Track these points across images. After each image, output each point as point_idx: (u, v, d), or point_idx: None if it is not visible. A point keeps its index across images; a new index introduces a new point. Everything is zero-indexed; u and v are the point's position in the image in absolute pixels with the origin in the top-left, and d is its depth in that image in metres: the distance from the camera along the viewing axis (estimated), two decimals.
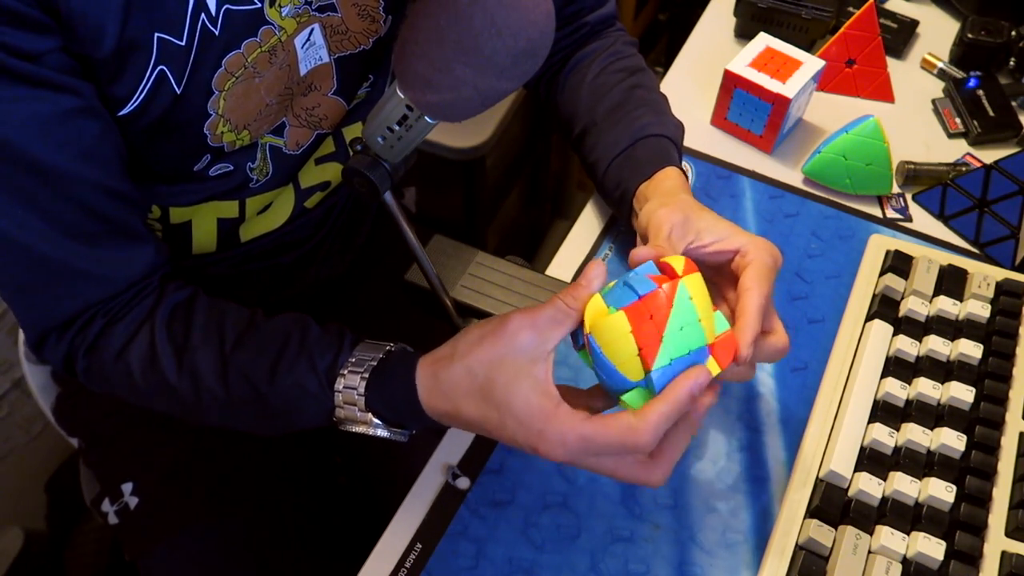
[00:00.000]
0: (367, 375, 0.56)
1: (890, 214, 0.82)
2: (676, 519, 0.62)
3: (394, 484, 0.70)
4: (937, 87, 0.94)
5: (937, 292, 0.71)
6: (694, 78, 0.94)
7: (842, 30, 0.91)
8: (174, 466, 0.79)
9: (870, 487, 0.60)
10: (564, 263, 0.78)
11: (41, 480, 1.33)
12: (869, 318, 0.71)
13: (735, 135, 0.88)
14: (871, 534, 0.59)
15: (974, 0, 0.98)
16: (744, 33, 0.97)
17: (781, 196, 0.82)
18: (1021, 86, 0.92)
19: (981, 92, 0.90)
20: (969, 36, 0.92)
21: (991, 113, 0.88)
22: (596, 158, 0.72)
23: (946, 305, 0.70)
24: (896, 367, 0.67)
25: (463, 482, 0.64)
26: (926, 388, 0.65)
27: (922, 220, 0.82)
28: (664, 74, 0.96)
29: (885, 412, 0.64)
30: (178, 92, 0.57)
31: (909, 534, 0.58)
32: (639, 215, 0.64)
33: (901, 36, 0.97)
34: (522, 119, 1.48)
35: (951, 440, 0.62)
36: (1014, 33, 0.92)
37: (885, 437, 0.63)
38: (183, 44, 0.56)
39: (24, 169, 0.53)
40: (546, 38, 0.51)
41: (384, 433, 0.57)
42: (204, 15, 0.56)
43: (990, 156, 0.86)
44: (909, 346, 0.68)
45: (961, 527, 0.58)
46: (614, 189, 0.70)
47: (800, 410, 0.67)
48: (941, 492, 0.59)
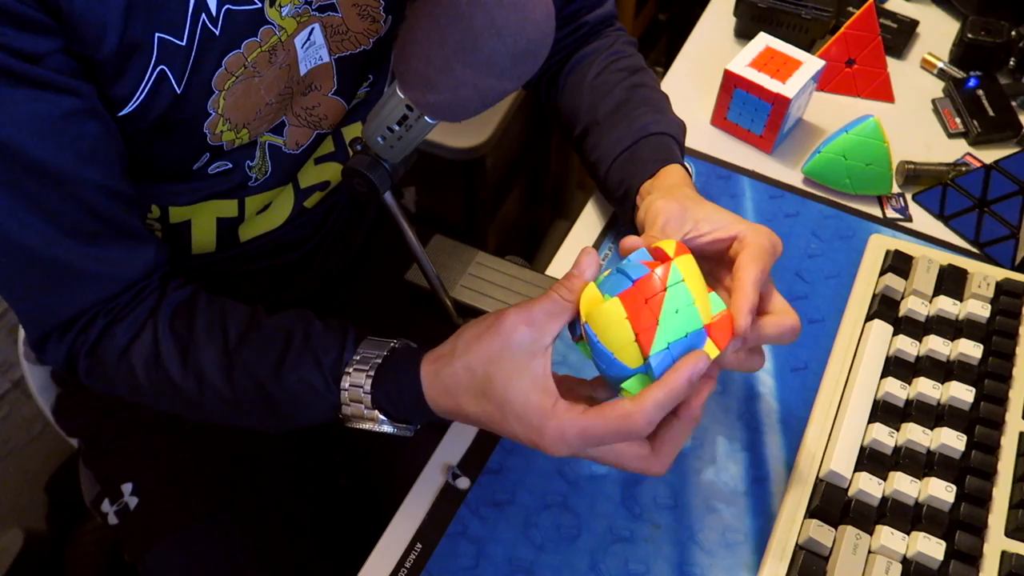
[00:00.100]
0: (372, 373, 0.56)
1: (890, 214, 0.82)
2: (676, 519, 0.62)
3: (394, 484, 0.70)
4: (937, 87, 0.94)
5: (937, 292, 0.71)
6: (694, 78, 0.94)
7: (842, 30, 0.91)
8: (174, 466, 0.79)
9: (870, 487, 0.60)
10: (564, 263, 0.78)
11: (41, 480, 1.33)
12: (869, 318, 0.71)
13: (735, 135, 0.88)
14: (871, 534, 0.59)
15: (974, 0, 0.98)
16: (744, 33, 0.97)
17: (781, 196, 0.82)
18: (1021, 86, 0.92)
19: (981, 92, 0.90)
20: (969, 36, 0.92)
21: (991, 113, 0.88)
22: (598, 157, 0.72)
23: (946, 305, 0.70)
24: (896, 367, 0.67)
25: (463, 482, 0.64)
26: (926, 388, 0.65)
27: (922, 220, 0.82)
28: (664, 74, 0.96)
29: (885, 412, 0.64)
30: (178, 92, 0.57)
31: (909, 534, 0.58)
32: (638, 211, 0.64)
33: (901, 36, 0.97)
34: (522, 119, 1.48)
35: (951, 440, 0.62)
36: (1014, 33, 0.92)
37: (885, 437, 0.63)
38: (183, 44, 0.56)
39: (25, 169, 0.53)
40: (546, 38, 0.51)
41: (390, 429, 0.58)
42: (205, 15, 0.56)
43: (990, 156, 0.86)
44: (909, 346, 0.68)
45: (961, 527, 0.58)
46: (617, 188, 0.70)
47: (800, 410, 0.67)
48: (941, 492, 0.59)
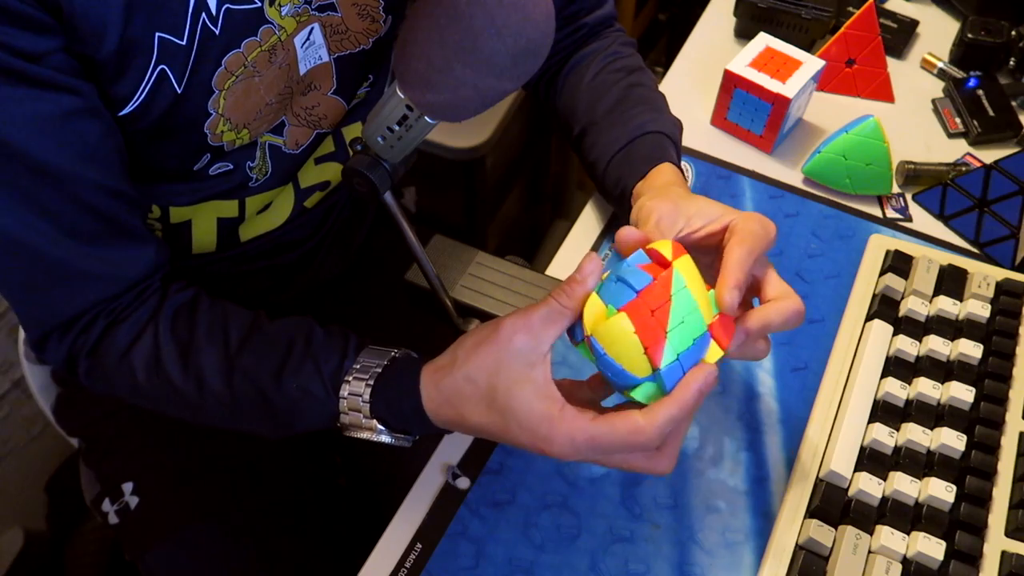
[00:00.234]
0: (372, 382, 0.56)
1: (890, 214, 0.82)
2: (676, 519, 0.62)
3: (394, 484, 0.70)
4: (937, 87, 0.94)
5: (937, 292, 0.71)
6: (694, 78, 0.94)
7: (842, 30, 0.91)
8: (175, 466, 0.79)
9: (870, 487, 0.60)
10: (564, 263, 0.78)
11: (41, 480, 1.33)
12: (869, 318, 0.71)
13: (735, 135, 0.88)
14: (871, 534, 0.59)
15: (974, 0, 0.98)
16: (744, 33, 0.97)
17: (781, 196, 0.82)
18: (1021, 86, 0.92)
19: (981, 92, 0.90)
20: (969, 36, 0.92)
21: (991, 113, 0.88)
22: (595, 157, 0.72)
23: (946, 305, 0.70)
24: (896, 367, 0.67)
25: (463, 482, 0.64)
26: (926, 388, 0.65)
27: (922, 220, 0.82)
28: (664, 74, 0.96)
29: (885, 412, 0.64)
30: (179, 91, 0.57)
31: (909, 534, 0.58)
32: (632, 211, 0.64)
33: (901, 36, 0.97)
34: (522, 119, 1.48)
35: (951, 440, 0.62)
36: (1014, 33, 0.92)
37: (885, 437, 0.63)
38: (184, 43, 0.56)
39: (25, 169, 0.53)
40: (546, 38, 0.51)
41: (388, 439, 0.57)
42: (205, 14, 0.56)
43: (990, 156, 0.86)
44: (909, 346, 0.68)
45: (961, 527, 0.58)
46: (614, 187, 0.70)
47: (800, 410, 0.67)
48: (941, 492, 0.59)
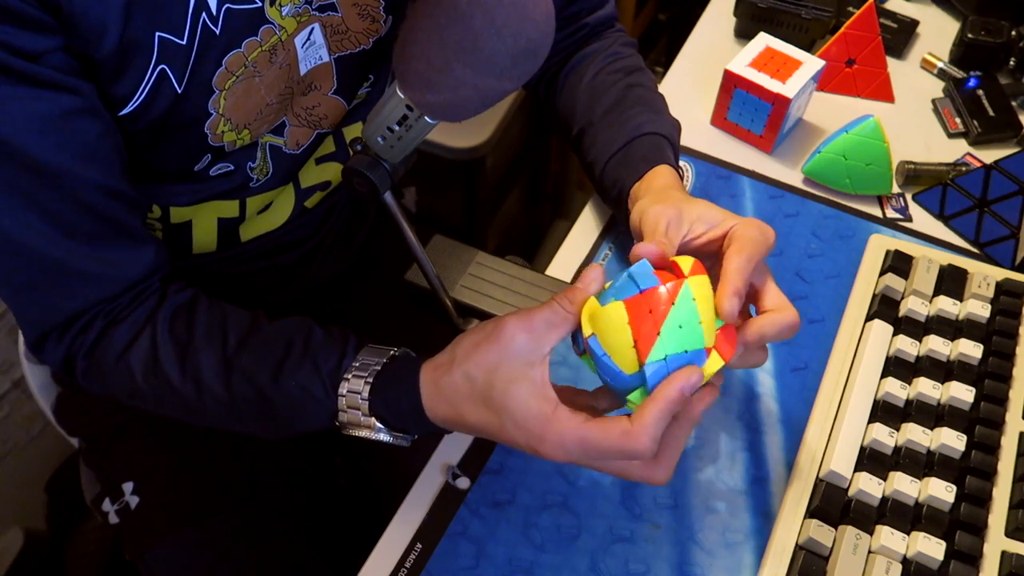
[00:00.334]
0: (371, 380, 0.56)
1: (890, 214, 0.82)
2: (676, 519, 0.62)
3: (394, 484, 0.70)
4: (937, 87, 0.94)
5: (937, 292, 0.71)
6: (694, 78, 0.94)
7: (842, 30, 0.91)
8: (175, 466, 0.79)
9: (870, 487, 0.60)
10: (564, 263, 0.78)
11: (41, 480, 1.33)
12: (869, 318, 0.71)
13: (735, 135, 0.88)
14: (871, 534, 0.59)
15: (974, 0, 0.98)
16: (744, 33, 0.97)
17: (781, 196, 0.82)
18: (1021, 86, 0.92)
19: (981, 92, 0.90)
20: (969, 36, 0.92)
21: (991, 113, 0.88)
22: (593, 158, 0.72)
23: (946, 305, 0.70)
24: (896, 367, 0.67)
25: (463, 482, 0.64)
26: (926, 388, 0.65)
27: (922, 220, 0.82)
28: (664, 74, 0.96)
29: (885, 412, 0.64)
30: (179, 91, 0.57)
31: (909, 534, 0.58)
32: (631, 214, 0.64)
33: (901, 36, 0.97)
34: (522, 119, 1.48)
35: (951, 440, 0.62)
36: (1014, 33, 0.92)
37: (885, 437, 0.63)
38: (184, 43, 0.56)
39: (24, 169, 0.53)
40: (546, 38, 0.51)
41: (387, 438, 0.57)
42: (205, 14, 0.56)
43: (990, 156, 0.86)
44: (909, 346, 0.68)
45: (961, 527, 0.58)
46: (611, 188, 0.70)
47: (800, 410, 0.67)
48: (941, 492, 0.59)
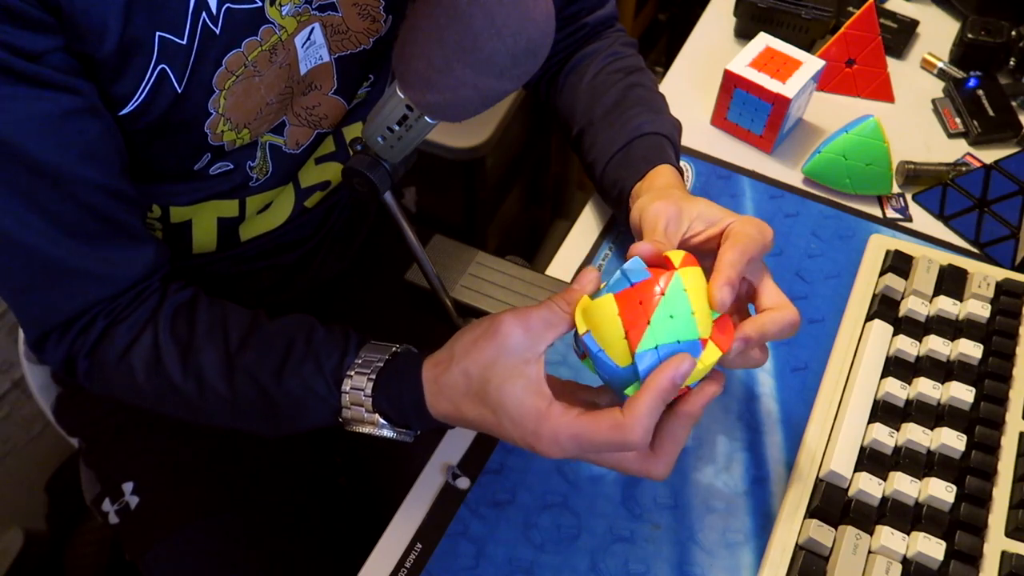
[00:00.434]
0: (374, 376, 0.56)
1: (890, 214, 0.82)
2: (676, 519, 0.62)
3: (394, 484, 0.70)
4: (937, 87, 0.94)
5: (937, 292, 0.71)
6: (694, 78, 0.94)
7: (842, 30, 0.91)
8: (175, 466, 0.79)
9: (870, 487, 0.60)
10: (564, 263, 0.78)
11: (41, 480, 1.33)
12: (869, 318, 0.71)
13: (735, 135, 0.88)
14: (871, 534, 0.59)
15: (974, 0, 0.98)
16: (744, 33, 0.97)
17: (781, 196, 0.82)
18: (1021, 86, 0.92)
19: (981, 92, 0.90)
20: (969, 36, 0.92)
21: (991, 113, 0.88)
22: (594, 158, 0.72)
23: (946, 305, 0.70)
24: (896, 367, 0.67)
25: (463, 482, 0.64)
26: (926, 388, 0.65)
27: (922, 220, 0.82)
28: (664, 74, 0.96)
29: (885, 412, 0.64)
30: (179, 91, 0.57)
31: (909, 534, 0.58)
32: (631, 212, 0.64)
33: (901, 36, 0.97)
34: (522, 119, 1.48)
35: (951, 440, 0.62)
36: (1014, 33, 0.92)
37: (885, 437, 0.63)
38: (184, 43, 0.56)
39: (24, 168, 0.52)
40: (546, 38, 0.51)
41: (390, 434, 0.58)
42: (205, 14, 0.56)
43: (990, 156, 0.86)
44: (909, 346, 0.68)
45: (961, 527, 0.58)
46: (612, 188, 0.70)
47: (800, 410, 0.67)
48: (941, 492, 0.59)
